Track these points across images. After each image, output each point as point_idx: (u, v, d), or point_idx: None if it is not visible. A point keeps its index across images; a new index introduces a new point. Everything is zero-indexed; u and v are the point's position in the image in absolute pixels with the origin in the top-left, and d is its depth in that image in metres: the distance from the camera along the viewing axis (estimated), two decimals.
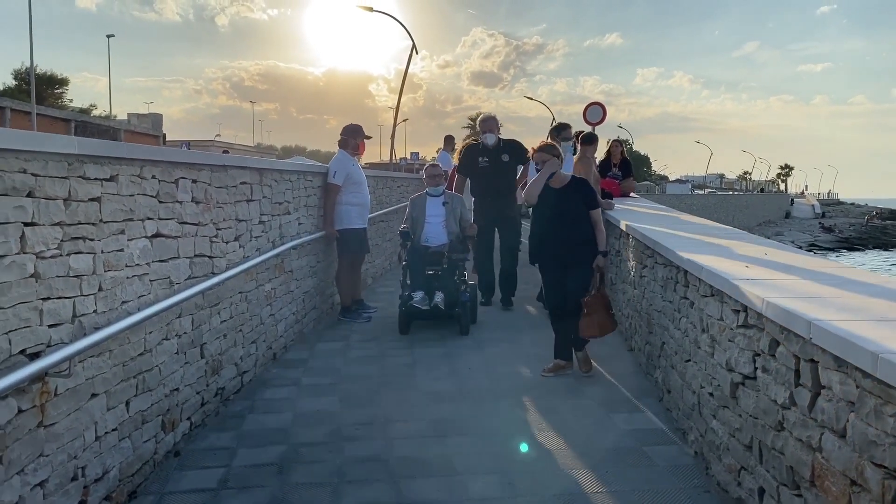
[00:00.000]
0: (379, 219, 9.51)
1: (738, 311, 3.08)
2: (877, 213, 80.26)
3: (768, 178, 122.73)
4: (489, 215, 7.45)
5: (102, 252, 3.06)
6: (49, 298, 2.68)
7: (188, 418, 4.02)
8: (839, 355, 2.19)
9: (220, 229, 4.42)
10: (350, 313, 7.08)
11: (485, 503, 3.34)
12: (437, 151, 13.01)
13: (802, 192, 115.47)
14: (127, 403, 3.31)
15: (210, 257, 4.27)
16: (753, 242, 4.91)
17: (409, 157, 52.96)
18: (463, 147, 8.05)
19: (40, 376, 2.57)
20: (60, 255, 2.75)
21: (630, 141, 71.84)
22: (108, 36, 57.23)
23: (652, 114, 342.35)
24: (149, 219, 3.50)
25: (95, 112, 50.09)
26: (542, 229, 5.22)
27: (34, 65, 36.61)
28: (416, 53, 25.61)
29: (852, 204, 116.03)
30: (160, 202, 3.62)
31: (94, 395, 3.02)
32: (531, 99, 50.37)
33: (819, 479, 2.36)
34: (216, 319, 4.40)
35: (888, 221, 72.69)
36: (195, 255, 4.05)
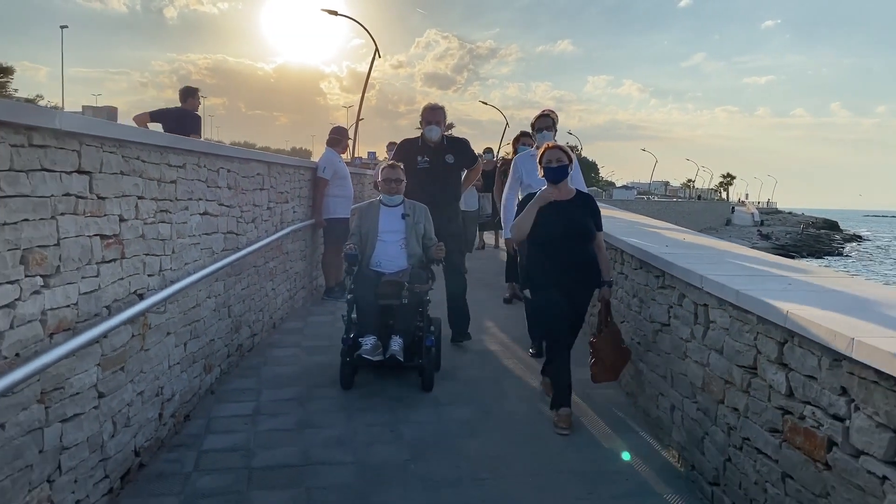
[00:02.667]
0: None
1: (658, 276, 4.15)
2: (812, 222, 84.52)
3: (710, 187, 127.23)
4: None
5: (175, 223, 3.93)
6: (148, 254, 3.55)
7: (219, 365, 4.89)
8: (718, 295, 3.25)
9: (243, 212, 5.30)
10: (333, 293, 7.97)
11: None
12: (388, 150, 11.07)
13: (742, 201, 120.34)
14: (185, 344, 4.18)
15: (236, 234, 5.14)
16: (678, 231, 6.04)
17: (365, 155, 53.60)
18: (400, 143, 6.36)
19: (144, 312, 3.44)
20: (154, 223, 3.62)
21: (579, 147, 73.80)
22: (62, 27, 56.59)
23: (602, 121, 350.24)
24: (200, 199, 4.37)
25: (42, 103, 49.18)
26: (545, 249, 4.37)
27: None
28: (380, 57, 26.50)
29: (790, 213, 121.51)
30: (208, 187, 4.49)
31: (168, 334, 3.89)
32: (485, 103, 51.65)
33: (706, 385, 3.42)
34: (238, 286, 5.28)
35: (822, 231, 76.73)
36: (227, 232, 4.92)
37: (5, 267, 2.36)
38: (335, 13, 25.01)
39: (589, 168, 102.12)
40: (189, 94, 8.09)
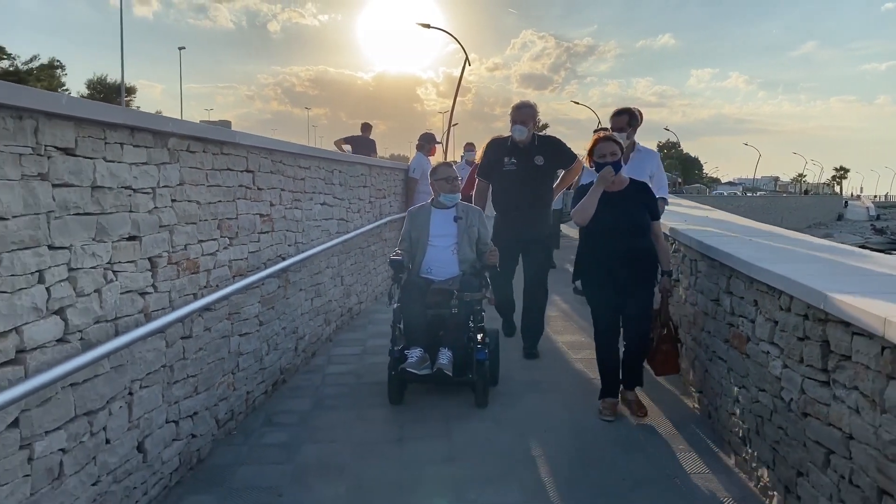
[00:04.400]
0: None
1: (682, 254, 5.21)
2: None
3: (822, 181, 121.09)
4: (513, 235, 5.53)
5: (304, 209, 5.38)
6: (288, 231, 5.00)
7: (335, 321, 6.33)
8: (742, 271, 3.73)
9: (350, 203, 6.75)
10: None
11: None
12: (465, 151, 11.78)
13: (858, 195, 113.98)
14: (311, 300, 5.63)
15: (346, 221, 6.59)
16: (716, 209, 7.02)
17: (460, 160, 55.54)
18: (487, 143, 5.92)
19: (285, 270, 4.87)
20: (291, 208, 5.07)
21: (677, 143, 72.57)
22: (180, 48, 61.45)
23: (706, 115, 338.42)
24: (320, 193, 5.82)
25: None
26: (594, 241, 4.33)
27: (106, 74, 40.27)
28: (469, 65, 27.93)
29: None
30: (325, 183, 5.94)
31: (300, 290, 5.34)
32: (577, 103, 52.78)
33: (695, 319, 4.50)
34: (348, 262, 6.73)
35: None
36: (339, 219, 6.37)
37: (212, 230, 3.80)
38: (428, 26, 26.66)
39: (691, 164, 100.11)
40: (367, 127, 11.98)
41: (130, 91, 54.71)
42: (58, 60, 46.99)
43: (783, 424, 3.05)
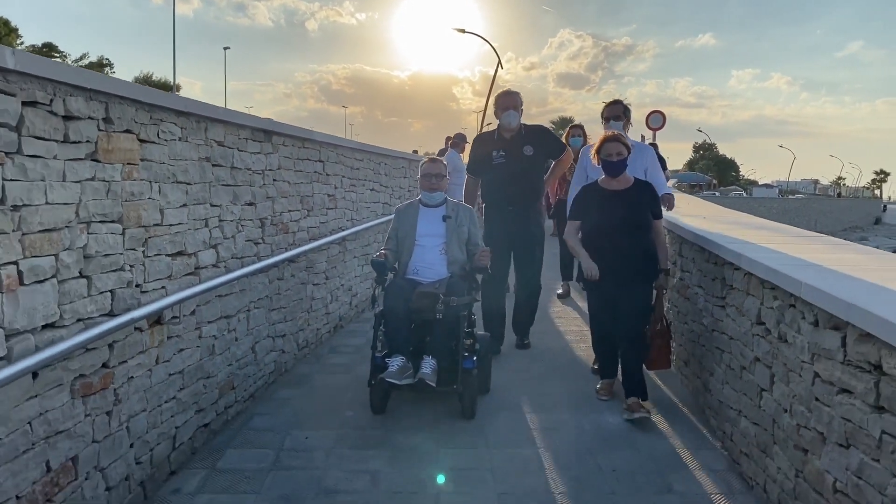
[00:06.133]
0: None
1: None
2: None
3: (862, 185, 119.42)
4: (504, 231, 5.39)
5: (357, 192, 6.74)
6: (346, 209, 6.36)
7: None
8: (687, 238, 5.50)
9: (393, 191, 8.11)
10: None
11: None
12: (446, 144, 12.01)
13: None
14: (362, 266, 6.99)
15: (389, 204, 7.95)
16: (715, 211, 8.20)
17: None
18: (474, 138, 5.94)
19: (343, 238, 6.23)
20: (349, 192, 6.44)
21: (710, 143, 72.55)
22: (225, 48, 64.02)
23: (747, 116, 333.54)
24: (370, 181, 7.19)
25: None
26: (596, 239, 4.36)
27: (151, 72, 42.50)
28: (502, 68, 29.18)
29: None
30: (374, 173, 7.31)
31: (354, 257, 6.71)
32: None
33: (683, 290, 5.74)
34: None
35: None
36: (384, 203, 7.73)
37: (297, 204, 5.17)
38: (463, 31, 28.03)
39: (727, 166, 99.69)
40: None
41: (177, 89, 57.37)
42: (107, 59, 49.57)
43: (703, 342, 4.30)
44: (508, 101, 5.34)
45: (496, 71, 28.57)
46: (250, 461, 3.62)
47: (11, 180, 2.27)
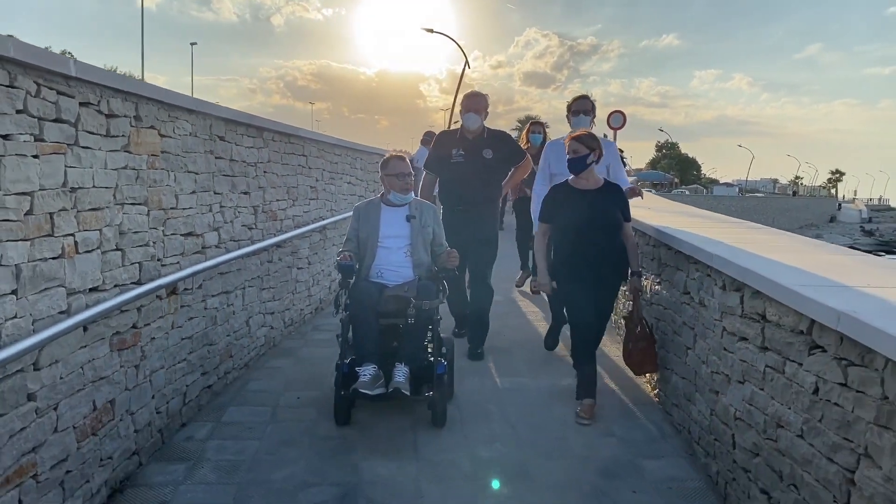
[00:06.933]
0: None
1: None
2: None
3: (818, 184, 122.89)
4: (457, 233, 5.17)
5: (336, 185, 7.27)
6: (326, 200, 6.89)
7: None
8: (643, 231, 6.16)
9: (367, 184, 8.65)
10: None
11: None
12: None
13: (853, 198, 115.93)
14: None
15: (364, 197, 8.46)
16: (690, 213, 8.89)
17: None
18: (437, 135, 6.08)
19: (325, 227, 6.76)
20: (329, 184, 6.96)
21: (673, 143, 74.14)
22: (192, 43, 63.41)
23: (709, 116, 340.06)
24: (347, 174, 7.72)
25: None
26: (571, 239, 4.33)
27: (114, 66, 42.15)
28: (469, 68, 29.76)
29: None
30: (350, 167, 7.85)
31: (333, 245, 7.24)
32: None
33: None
34: None
35: None
36: (359, 195, 8.27)
37: (284, 194, 5.69)
38: (431, 31, 28.56)
39: (689, 165, 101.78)
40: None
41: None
42: (69, 52, 48.86)
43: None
44: (471, 104, 5.37)
45: (463, 70, 29.18)
46: (251, 416, 4.16)
47: (71, 167, 2.78)
